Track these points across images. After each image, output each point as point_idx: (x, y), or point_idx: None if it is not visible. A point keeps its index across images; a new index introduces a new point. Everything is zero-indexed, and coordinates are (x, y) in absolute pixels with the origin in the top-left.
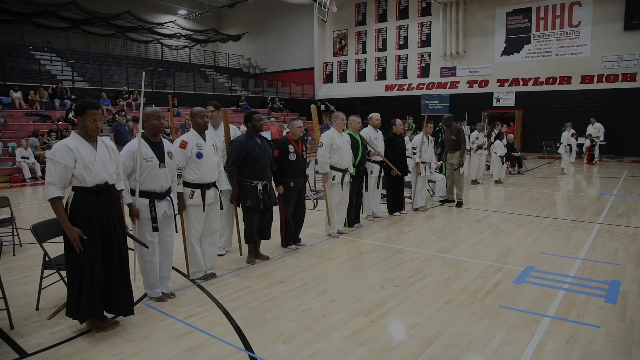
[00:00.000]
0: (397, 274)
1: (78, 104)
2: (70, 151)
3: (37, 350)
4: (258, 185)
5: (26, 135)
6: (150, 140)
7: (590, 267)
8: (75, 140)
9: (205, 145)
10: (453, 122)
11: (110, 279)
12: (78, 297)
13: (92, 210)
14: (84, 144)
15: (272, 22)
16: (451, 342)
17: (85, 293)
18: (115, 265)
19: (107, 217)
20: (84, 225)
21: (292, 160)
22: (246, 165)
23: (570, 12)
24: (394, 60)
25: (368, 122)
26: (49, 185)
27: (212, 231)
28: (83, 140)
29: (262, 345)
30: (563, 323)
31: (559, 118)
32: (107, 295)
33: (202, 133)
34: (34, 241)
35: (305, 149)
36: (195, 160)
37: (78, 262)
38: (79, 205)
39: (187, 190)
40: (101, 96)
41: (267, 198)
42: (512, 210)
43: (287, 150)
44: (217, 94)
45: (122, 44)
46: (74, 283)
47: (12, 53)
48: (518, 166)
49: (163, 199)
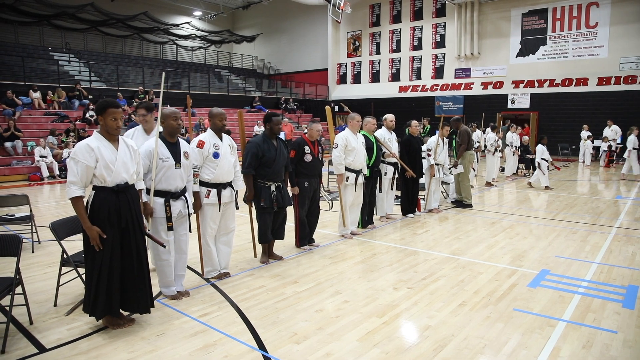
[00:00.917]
0: (410, 275)
1: (99, 103)
2: (92, 151)
3: (55, 345)
4: (272, 186)
5: (45, 134)
6: (167, 140)
7: (606, 272)
8: (97, 140)
9: (222, 146)
10: (461, 124)
11: (128, 278)
12: (95, 295)
13: (112, 210)
14: (105, 144)
15: (286, 23)
16: (465, 345)
17: (102, 290)
18: (134, 264)
19: (127, 217)
20: (104, 224)
21: (308, 161)
22: (261, 167)
23: (588, 12)
24: (408, 61)
25: (382, 123)
26: (70, 185)
27: (227, 230)
28: (104, 139)
29: (275, 345)
30: (579, 328)
31: (575, 120)
32: (125, 293)
33: (220, 134)
34: (53, 238)
35: (321, 151)
36: (212, 160)
37: (97, 260)
38: (99, 205)
39: (203, 189)
40: (117, 96)
41: (280, 199)
42: (526, 213)
43: (303, 151)
44: (231, 94)
45: (138, 45)
46: (91, 280)
47: (32, 54)
48: (533, 169)
49: (178, 199)
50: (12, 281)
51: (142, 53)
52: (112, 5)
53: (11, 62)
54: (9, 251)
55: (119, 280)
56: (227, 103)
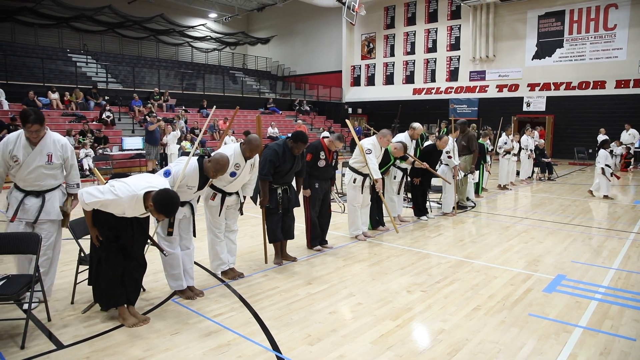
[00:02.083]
0: (424, 278)
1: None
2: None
3: (73, 342)
4: (278, 189)
5: (62, 134)
6: (203, 174)
7: (624, 278)
8: None
9: (243, 166)
10: (467, 127)
11: (127, 270)
12: (103, 287)
13: None
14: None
15: (300, 25)
16: (479, 350)
17: (107, 283)
18: (133, 258)
19: (131, 217)
20: (110, 220)
21: (321, 166)
22: (273, 174)
23: (606, 14)
24: (422, 63)
25: (409, 130)
26: (91, 197)
27: (230, 230)
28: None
29: (289, 346)
30: (596, 334)
31: (592, 124)
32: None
33: (246, 157)
34: (70, 237)
35: (335, 157)
36: (227, 177)
37: (102, 254)
38: None
39: (210, 191)
40: (133, 97)
41: (286, 200)
42: (542, 217)
43: (318, 156)
44: (245, 95)
45: (154, 47)
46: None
47: (51, 56)
48: (548, 172)
49: (184, 205)
50: (32, 278)
51: (158, 54)
52: (129, 8)
53: (31, 64)
54: (30, 249)
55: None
56: (241, 104)
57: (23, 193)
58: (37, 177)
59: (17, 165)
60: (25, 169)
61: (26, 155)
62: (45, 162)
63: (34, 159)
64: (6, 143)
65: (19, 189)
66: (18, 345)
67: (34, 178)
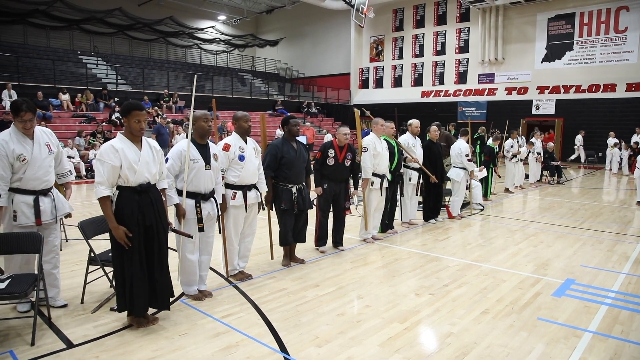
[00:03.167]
0: (432, 281)
1: (123, 105)
2: (117, 152)
3: (82, 342)
4: (293, 189)
5: (73, 135)
6: (197, 142)
7: (635, 282)
8: (120, 142)
9: (247, 149)
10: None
11: (150, 275)
12: (132, 294)
13: (135, 209)
14: (129, 145)
15: (309, 27)
16: (488, 353)
17: (139, 289)
18: (154, 262)
19: (150, 215)
20: (129, 222)
21: (330, 164)
22: (281, 168)
23: (617, 17)
24: (431, 66)
25: (407, 128)
26: (97, 185)
27: (251, 230)
28: (128, 141)
29: (297, 348)
30: (606, 339)
31: (602, 127)
32: (150, 290)
33: (244, 137)
34: (80, 237)
35: (350, 157)
36: (237, 162)
37: (126, 259)
38: (124, 204)
39: (229, 191)
40: (143, 99)
41: (301, 201)
42: (551, 221)
43: (327, 154)
44: (254, 97)
45: (164, 49)
46: (124, 280)
47: (62, 57)
48: (558, 176)
49: (207, 200)
50: (37, 277)
51: (167, 56)
52: (139, 10)
53: (42, 66)
54: (32, 248)
55: (146, 278)
56: (250, 106)
57: (33, 195)
58: (45, 172)
59: (25, 164)
60: (34, 165)
61: (30, 150)
62: (48, 153)
63: (39, 153)
64: (5, 144)
65: (25, 192)
66: (27, 343)
67: (44, 173)
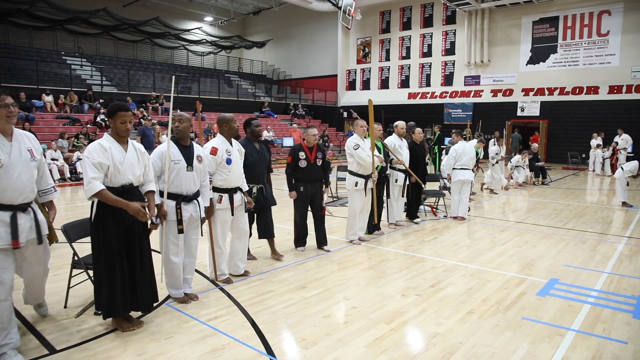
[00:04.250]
0: (418, 282)
1: (110, 106)
2: (106, 150)
3: (66, 347)
4: (253, 188)
5: (56, 137)
6: (180, 143)
7: (617, 282)
8: (108, 141)
9: (233, 151)
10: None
11: (132, 277)
12: (110, 295)
13: (116, 210)
14: (115, 145)
15: (296, 29)
16: (473, 353)
17: (118, 290)
18: (136, 264)
19: (132, 217)
20: (110, 223)
21: (302, 167)
22: (243, 169)
23: (600, 20)
24: (418, 68)
25: (393, 130)
26: (92, 181)
27: (242, 233)
28: (114, 141)
29: (283, 350)
30: (588, 337)
31: (585, 128)
32: (130, 291)
33: (230, 139)
34: (64, 240)
35: (321, 157)
36: (224, 166)
37: (106, 260)
38: (105, 204)
39: (215, 195)
40: (127, 100)
41: (261, 199)
42: (535, 222)
43: (298, 157)
44: (240, 99)
45: (150, 50)
46: (102, 281)
47: (45, 58)
48: (542, 177)
49: (190, 202)
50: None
51: (153, 58)
52: (124, 11)
53: (25, 66)
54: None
55: (127, 279)
56: (237, 108)
57: (9, 210)
58: (27, 182)
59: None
60: (11, 172)
61: (8, 152)
62: (30, 159)
63: (19, 156)
64: None
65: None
66: None
67: (24, 184)
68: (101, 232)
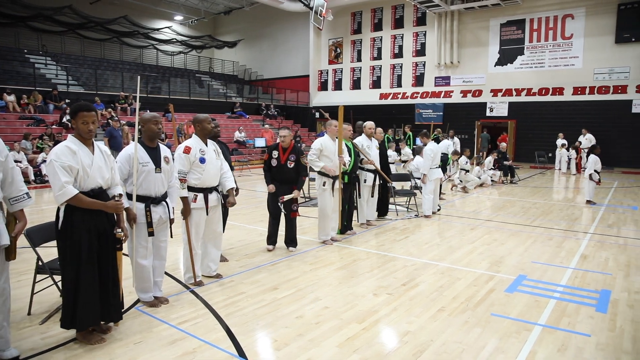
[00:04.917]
0: (390, 281)
1: (72, 106)
2: (75, 153)
3: (30, 355)
4: None
5: (19, 139)
6: (146, 145)
7: (581, 277)
8: (74, 144)
9: (207, 151)
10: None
11: (103, 285)
12: (75, 306)
13: (86, 215)
14: (82, 148)
15: (268, 29)
16: (444, 350)
17: (85, 301)
18: (109, 271)
19: (103, 221)
20: (80, 229)
21: (273, 165)
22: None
23: (563, 24)
24: (389, 69)
25: (362, 130)
26: (66, 185)
27: (215, 234)
28: (80, 143)
29: (255, 352)
30: (554, 331)
31: (552, 128)
32: (101, 301)
33: (205, 139)
34: (27, 245)
35: (293, 160)
36: (198, 165)
37: (75, 270)
38: (74, 210)
39: (190, 194)
40: (95, 101)
41: None
42: (504, 220)
43: (271, 155)
44: (211, 100)
45: (118, 49)
46: (70, 291)
47: (6, 56)
48: (510, 175)
49: (159, 204)
50: None
51: (122, 57)
52: (91, 8)
53: None
54: None
55: (98, 288)
56: (208, 109)
57: None
58: None
59: None
60: None
61: None
62: None
63: None
64: None
65: None
66: None
67: None
68: (69, 240)
